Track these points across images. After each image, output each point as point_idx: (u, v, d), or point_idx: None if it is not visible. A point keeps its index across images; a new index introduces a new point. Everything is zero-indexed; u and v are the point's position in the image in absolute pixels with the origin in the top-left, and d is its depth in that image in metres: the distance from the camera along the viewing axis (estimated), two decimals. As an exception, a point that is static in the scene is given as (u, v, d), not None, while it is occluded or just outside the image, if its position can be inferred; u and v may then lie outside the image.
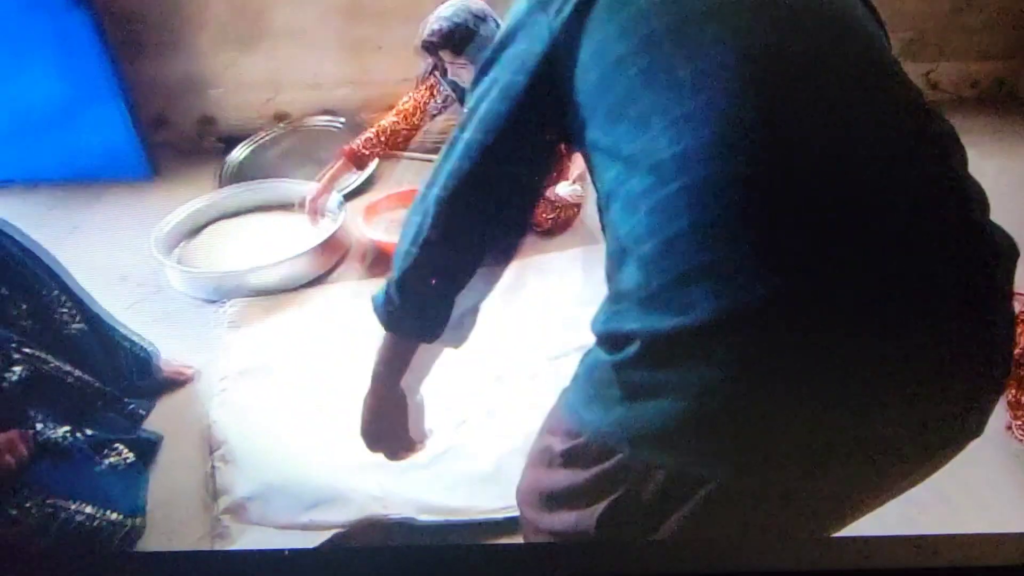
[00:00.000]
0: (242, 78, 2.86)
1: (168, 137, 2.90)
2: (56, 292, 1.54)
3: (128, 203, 2.57)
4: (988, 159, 2.68)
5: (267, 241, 2.27)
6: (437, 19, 1.90)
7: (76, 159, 2.57)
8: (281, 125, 2.89)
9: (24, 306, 1.48)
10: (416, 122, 2.23)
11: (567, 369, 1.65)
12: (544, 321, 1.92)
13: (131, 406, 1.59)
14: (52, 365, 1.43)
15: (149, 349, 1.69)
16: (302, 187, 2.44)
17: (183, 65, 2.80)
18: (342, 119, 2.87)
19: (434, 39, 1.89)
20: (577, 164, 2.27)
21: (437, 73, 2.14)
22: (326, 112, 2.94)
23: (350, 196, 2.53)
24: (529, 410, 1.58)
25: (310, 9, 2.72)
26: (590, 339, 0.72)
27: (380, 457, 0.98)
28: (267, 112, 2.94)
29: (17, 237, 1.53)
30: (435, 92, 2.19)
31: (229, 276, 2.07)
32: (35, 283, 1.51)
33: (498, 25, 1.90)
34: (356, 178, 2.61)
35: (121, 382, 1.60)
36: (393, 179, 2.72)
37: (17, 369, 1.34)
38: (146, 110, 2.76)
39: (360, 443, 0.96)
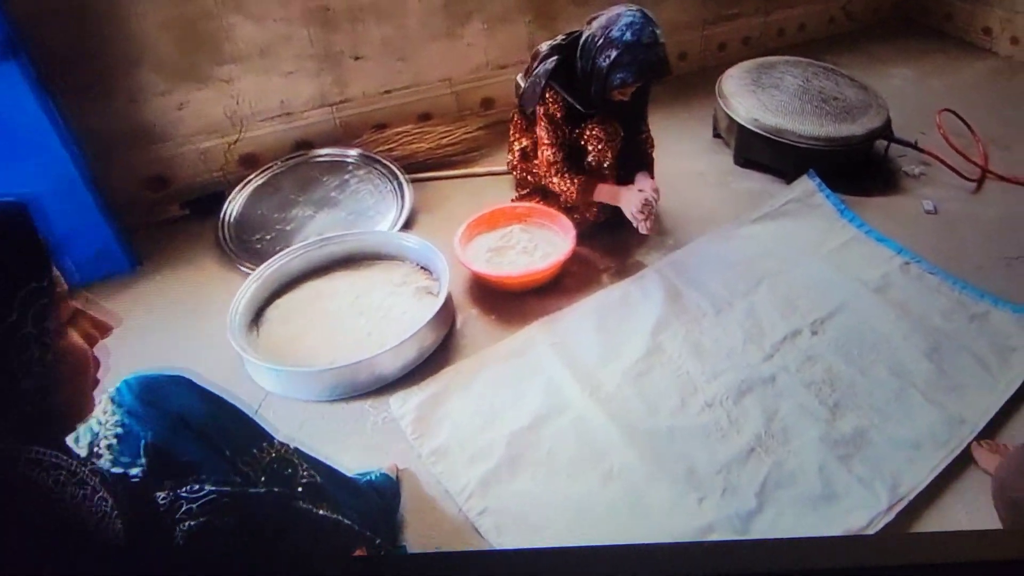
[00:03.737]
0: (195, 122, 2.39)
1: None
2: (266, 444, 1.26)
3: (120, 305, 2.05)
4: (897, 69, 3.39)
5: (360, 312, 1.98)
6: (660, 44, 1.87)
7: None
8: (279, 162, 2.49)
9: (248, 468, 1.20)
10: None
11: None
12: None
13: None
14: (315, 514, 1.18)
15: (378, 473, 1.44)
16: (368, 237, 2.17)
17: (118, 119, 2.25)
18: (354, 152, 2.55)
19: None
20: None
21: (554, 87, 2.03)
22: (300, 146, 2.59)
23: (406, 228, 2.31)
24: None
25: (272, 23, 2.35)
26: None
27: None
28: (231, 158, 2.50)
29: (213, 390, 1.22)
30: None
31: (350, 370, 1.75)
32: (248, 440, 1.22)
33: None
34: (397, 213, 2.36)
35: (378, 524, 1.36)
36: (437, 198, 2.51)
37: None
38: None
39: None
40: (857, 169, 2.57)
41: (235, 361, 1.83)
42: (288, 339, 1.91)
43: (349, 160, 2.52)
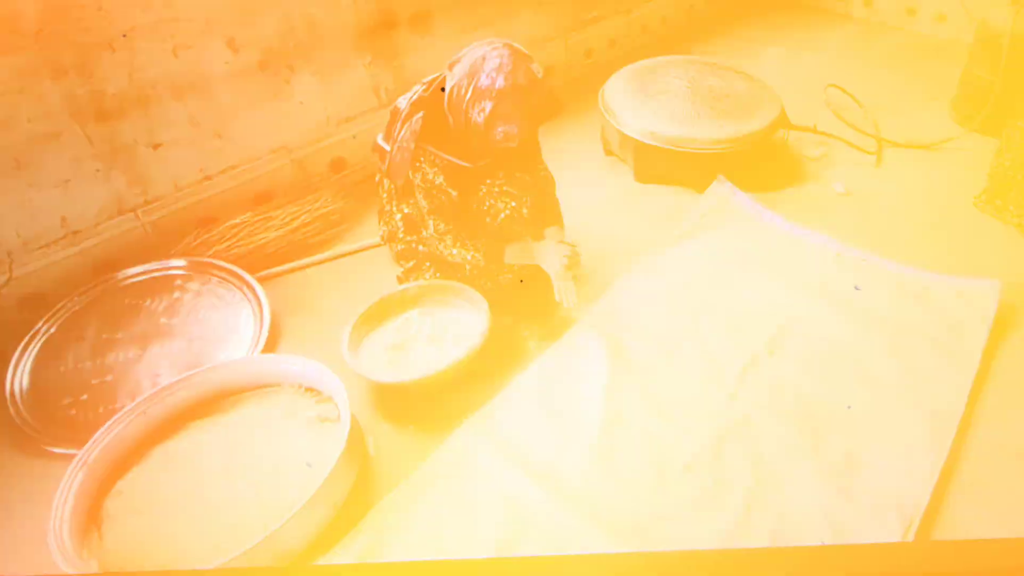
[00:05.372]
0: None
1: None
2: None
3: None
4: (768, 48, 3.61)
5: (240, 473, 1.63)
6: (539, 81, 1.74)
7: None
8: (76, 296, 2.07)
9: None
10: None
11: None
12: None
13: None
14: None
15: None
16: (224, 371, 1.82)
17: None
18: (180, 262, 2.16)
19: None
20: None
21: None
22: (103, 269, 2.17)
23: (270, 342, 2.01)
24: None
25: (25, 124, 1.94)
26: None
27: None
28: (3, 307, 2.03)
29: None
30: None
31: (241, 561, 1.39)
32: None
33: None
34: (257, 327, 2.02)
35: None
36: (303, 294, 2.23)
37: None
38: None
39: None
40: (762, 164, 2.58)
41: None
42: (146, 535, 1.54)
43: (175, 272, 2.17)
